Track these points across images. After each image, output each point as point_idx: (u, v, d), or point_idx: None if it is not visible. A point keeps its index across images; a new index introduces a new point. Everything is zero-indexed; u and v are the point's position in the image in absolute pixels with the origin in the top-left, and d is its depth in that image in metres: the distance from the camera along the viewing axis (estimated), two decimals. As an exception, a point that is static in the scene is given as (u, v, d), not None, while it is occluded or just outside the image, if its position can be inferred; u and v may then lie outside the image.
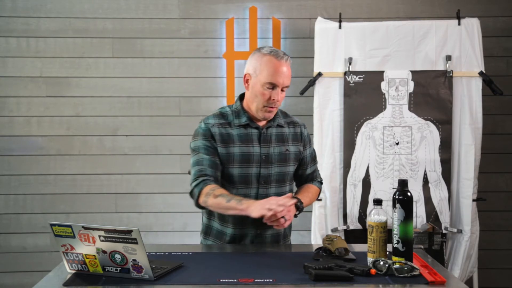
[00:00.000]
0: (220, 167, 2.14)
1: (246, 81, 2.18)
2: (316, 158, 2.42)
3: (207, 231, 2.26)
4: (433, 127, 3.19)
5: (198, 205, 2.10)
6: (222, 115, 2.21)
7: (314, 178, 2.39)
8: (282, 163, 2.21)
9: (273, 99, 2.11)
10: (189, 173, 2.19)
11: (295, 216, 2.13)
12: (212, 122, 2.17)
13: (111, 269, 1.71)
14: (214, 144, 2.14)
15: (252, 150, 2.16)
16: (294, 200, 2.01)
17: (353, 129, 3.22)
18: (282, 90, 2.14)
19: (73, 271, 1.77)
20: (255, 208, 1.93)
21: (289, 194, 2.08)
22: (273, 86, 2.11)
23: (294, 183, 2.36)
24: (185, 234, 3.68)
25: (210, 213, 2.23)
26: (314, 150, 2.40)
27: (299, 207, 2.11)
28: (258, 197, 2.15)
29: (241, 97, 2.25)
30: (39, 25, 3.63)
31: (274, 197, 1.99)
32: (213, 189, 2.05)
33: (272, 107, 2.14)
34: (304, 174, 2.34)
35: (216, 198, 2.03)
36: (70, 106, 3.66)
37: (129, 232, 1.63)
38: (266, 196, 2.16)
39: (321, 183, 2.43)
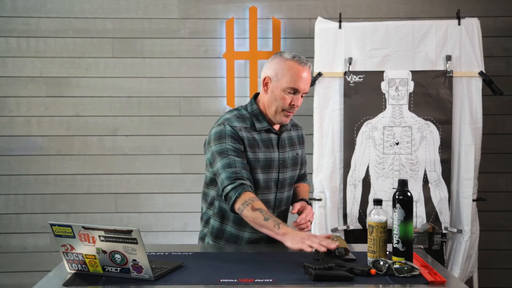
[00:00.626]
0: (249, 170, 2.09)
1: (266, 84, 2.14)
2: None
3: (218, 235, 2.21)
4: (433, 127, 3.19)
5: (232, 210, 2.03)
6: (243, 118, 2.16)
7: (305, 176, 2.44)
8: (294, 167, 2.25)
9: (293, 104, 2.11)
10: (214, 175, 2.11)
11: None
12: (238, 125, 2.11)
13: (111, 269, 1.71)
14: (242, 148, 2.09)
15: (273, 156, 2.17)
16: (337, 243, 1.88)
17: (353, 129, 3.22)
18: (301, 96, 2.14)
19: (73, 271, 1.77)
20: (293, 240, 1.87)
21: (329, 235, 2.02)
22: (294, 91, 2.09)
23: None
24: (185, 234, 3.68)
25: (223, 217, 2.19)
26: None
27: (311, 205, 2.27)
28: (275, 202, 2.19)
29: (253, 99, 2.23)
30: (39, 25, 3.63)
31: (312, 233, 2.02)
32: (252, 200, 1.98)
33: (290, 112, 2.14)
34: (299, 174, 2.37)
35: (254, 211, 1.95)
36: (70, 106, 3.66)
37: (129, 232, 1.63)
38: (281, 200, 2.21)
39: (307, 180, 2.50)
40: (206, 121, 3.43)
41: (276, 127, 2.21)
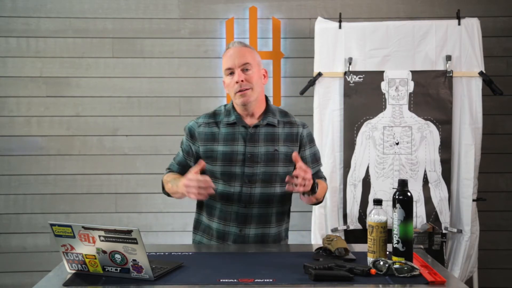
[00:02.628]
0: (190, 166, 2.21)
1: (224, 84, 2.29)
2: (320, 160, 2.35)
3: (196, 226, 2.34)
4: (433, 127, 3.19)
5: (166, 193, 2.32)
6: (215, 114, 2.29)
7: (320, 177, 2.33)
8: (269, 163, 2.19)
9: (236, 82, 2.16)
10: None
11: (310, 193, 2.08)
12: (201, 121, 2.28)
13: (111, 269, 1.71)
14: (192, 144, 2.26)
15: (236, 149, 2.19)
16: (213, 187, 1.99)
17: (353, 129, 3.22)
18: (246, 70, 2.17)
19: (73, 271, 1.77)
20: (180, 186, 2.06)
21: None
22: (230, 70, 2.19)
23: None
24: (185, 234, 3.67)
25: (199, 207, 2.32)
26: (317, 151, 2.34)
27: (314, 189, 2.07)
28: (241, 195, 2.18)
29: None
30: (39, 25, 3.63)
31: (186, 177, 2.03)
32: (167, 177, 2.27)
33: (242, 91, 2.16)
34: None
35: (167, 184, 2.24)
36: (70, 106, 3.66)
37: (129, 232, 1.63)
38: (251, 195, 2.18)
39: (326, 179, 2.40)
40: (206, 121, 3.42)
41: (250, 121, 2.22)
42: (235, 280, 1.68)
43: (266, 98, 2.29)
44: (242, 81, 2.15)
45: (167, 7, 3.67)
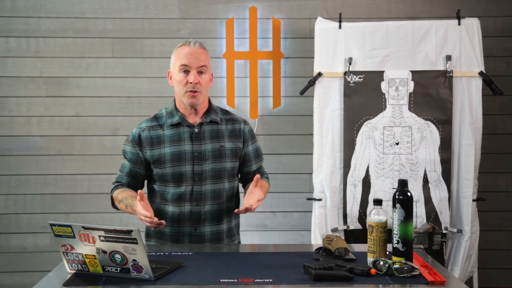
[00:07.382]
0: (140, 175, 2.29)
1: (170, 78, 2.29)
2: (262, 156, 2.44)
3: (148, 233, 2.33)
4: (433, 127, 3.19)
5: (116, 208, 2.30)
6: (157, 118, 2.32)
7: (260, 174, 2.36)
8: (217, 159, 2.25)
9: (190, 82, 2.19)
10: None
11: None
12: (144, 126, 2.30)
13: (111, 269, 1.71)
14: (140, 151, 2.26)
15: (183, 149, 2.22)
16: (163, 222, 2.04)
17: (353, 129, 3.22)
18: (201, 73, 2.20)
19: (73, 271, 1.77)
20: (136, 212, 2.09)
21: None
22: (186, 68, 2.20)
23: (237, 180, 2.37)
24: (185, 234, 3.67)
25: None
26: (259, 147, 2.42)
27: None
28: (193, 194, 2.22)
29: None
30: (39, 25, 3.63)
31: (139, 209, 2.06)
32: (118, 194, 2.25)
33: (194, 92, 2.20)
34: (250, 171, 2.37)
35: (119, 203, 2.23)
36: (70, 106, 3.66)
37: (129, 232, 1.63)
38: (202, 193, 2.22)
39: (268, 178, 2.46)
40: (206, 121, 3.42)
41: (194, 120, 2.26)
42: (235, 280, 1.68)
43: (208, 98, 2.34)
44: (196, 83, 2.19)
45: (167, 7, 3.67)
